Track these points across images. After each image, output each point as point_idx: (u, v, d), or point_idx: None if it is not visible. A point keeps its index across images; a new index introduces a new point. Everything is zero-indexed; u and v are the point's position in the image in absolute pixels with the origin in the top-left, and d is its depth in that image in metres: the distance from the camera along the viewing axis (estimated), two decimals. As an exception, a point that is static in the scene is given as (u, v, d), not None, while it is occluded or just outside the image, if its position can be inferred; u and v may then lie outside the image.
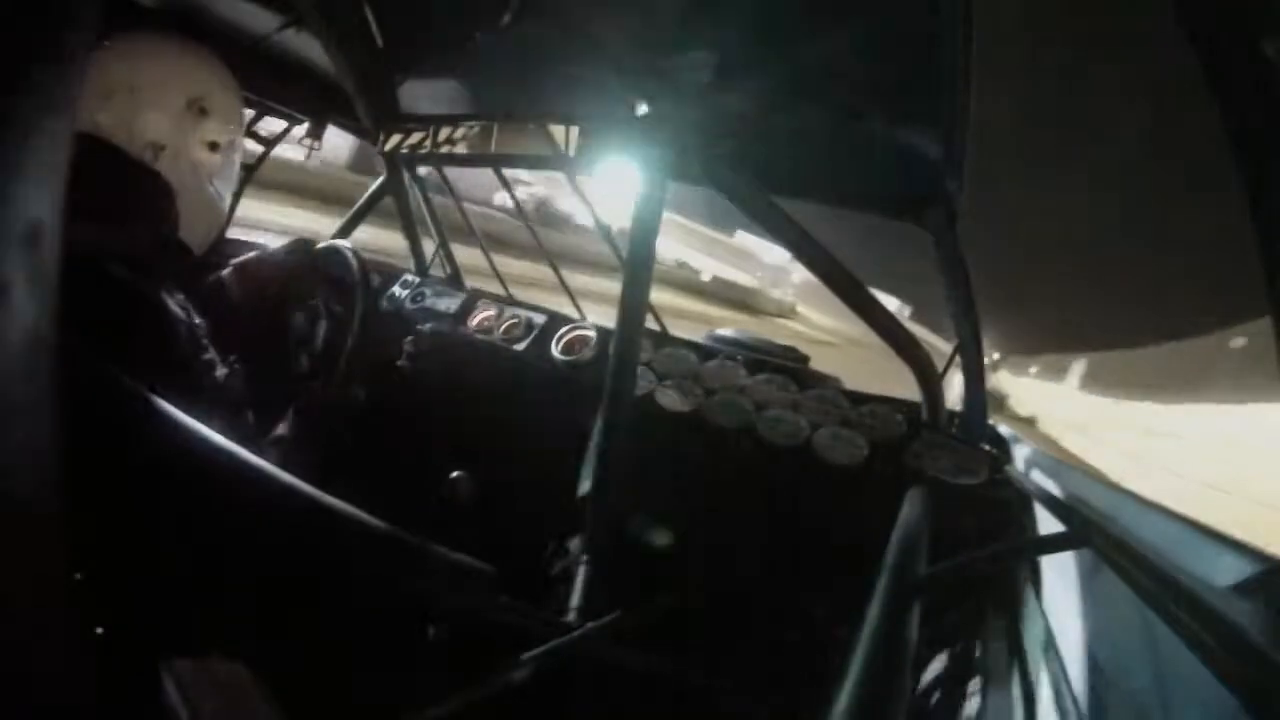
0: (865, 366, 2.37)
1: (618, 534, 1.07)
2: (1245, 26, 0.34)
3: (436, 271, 1.96)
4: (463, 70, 1.33)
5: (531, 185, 13.67)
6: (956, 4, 0.75)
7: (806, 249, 1.07)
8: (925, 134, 0.94)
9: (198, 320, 0.89)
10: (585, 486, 1.11)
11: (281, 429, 1.05)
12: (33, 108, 0.32)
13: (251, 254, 1.24)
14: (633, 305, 1.06)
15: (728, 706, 1.05)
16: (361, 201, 1.87)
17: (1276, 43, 0.31)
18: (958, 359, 1.23)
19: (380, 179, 1.82)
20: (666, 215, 1.02)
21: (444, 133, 1.51)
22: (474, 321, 1.72)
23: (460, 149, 1.52)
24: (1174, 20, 0.36)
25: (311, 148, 1.71)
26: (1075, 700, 0.61)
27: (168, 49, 0.91)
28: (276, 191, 7.26)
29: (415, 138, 1.54)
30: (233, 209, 1.74)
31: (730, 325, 1.75)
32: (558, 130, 1.34)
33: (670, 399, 1.41)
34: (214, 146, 0.95)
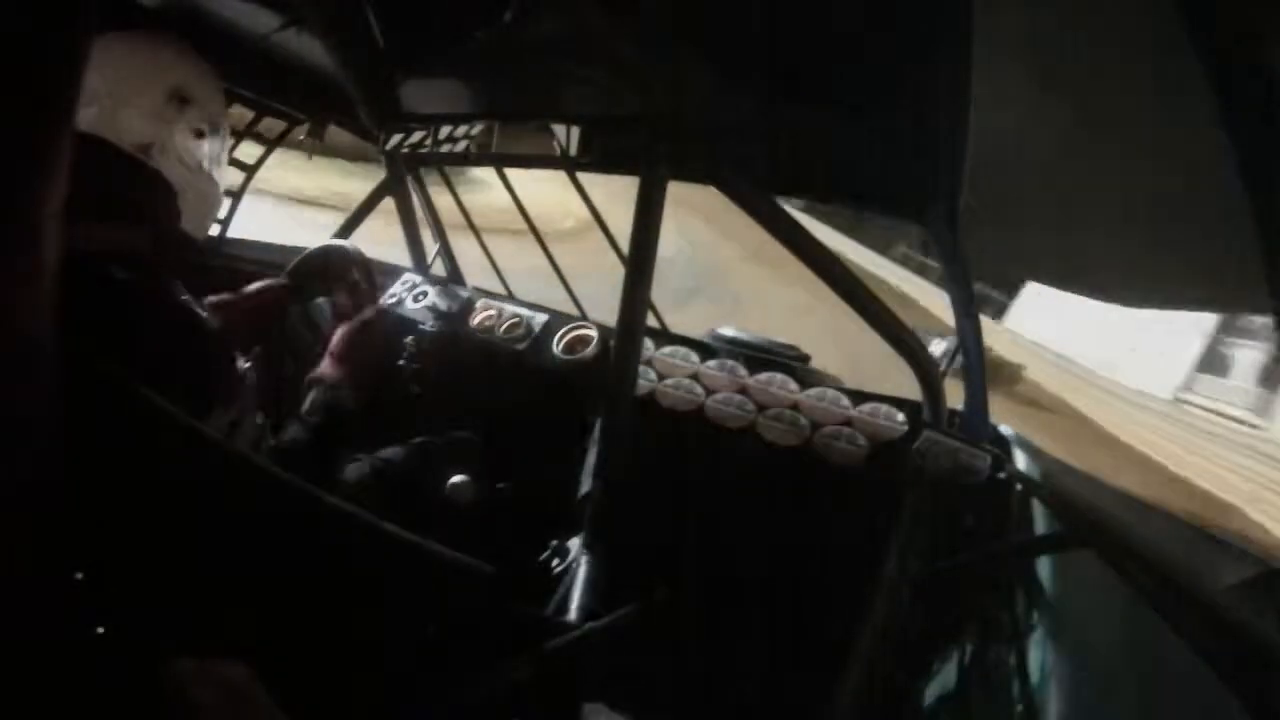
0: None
1: (618, 533, 1.07)
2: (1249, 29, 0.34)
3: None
4: (463, 70, 1.32)
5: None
6: (957, 3, 0.75)
7: (808, 248, 1.07)
8: (925, 133, 0.94)
9: (206, 315, 0.89)
10: (586, 486, 1.11)
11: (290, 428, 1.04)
12: (32, 108, 0.32)
13: (226, 297, 1.20)
14: (634, 304, 1.06)
15: (728, 705, 1.05)
16: (362, 201, 1.87)
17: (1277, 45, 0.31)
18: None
19: (381, 179, 1.83)
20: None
21: (444, 132, 1.51)
22: (475, 321, 1.72)
23: (462, 148, 1.52)
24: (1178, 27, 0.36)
25: (314, 148, 1.71)
26: (1076, 699, 0.61)
27: (141, 45, 0.90)
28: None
29: (416, 137, 1.54)
30: (233, 210, 1.74)
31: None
32: (559, 129, 1.34)
33: (671, 398, 1.41)
34: (200, 134, 0.95)
